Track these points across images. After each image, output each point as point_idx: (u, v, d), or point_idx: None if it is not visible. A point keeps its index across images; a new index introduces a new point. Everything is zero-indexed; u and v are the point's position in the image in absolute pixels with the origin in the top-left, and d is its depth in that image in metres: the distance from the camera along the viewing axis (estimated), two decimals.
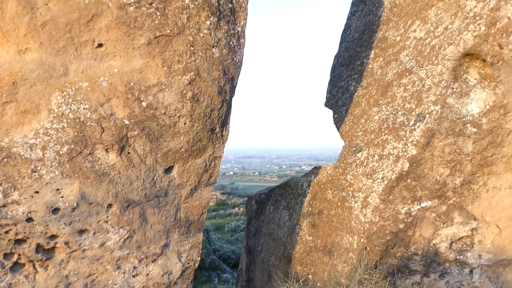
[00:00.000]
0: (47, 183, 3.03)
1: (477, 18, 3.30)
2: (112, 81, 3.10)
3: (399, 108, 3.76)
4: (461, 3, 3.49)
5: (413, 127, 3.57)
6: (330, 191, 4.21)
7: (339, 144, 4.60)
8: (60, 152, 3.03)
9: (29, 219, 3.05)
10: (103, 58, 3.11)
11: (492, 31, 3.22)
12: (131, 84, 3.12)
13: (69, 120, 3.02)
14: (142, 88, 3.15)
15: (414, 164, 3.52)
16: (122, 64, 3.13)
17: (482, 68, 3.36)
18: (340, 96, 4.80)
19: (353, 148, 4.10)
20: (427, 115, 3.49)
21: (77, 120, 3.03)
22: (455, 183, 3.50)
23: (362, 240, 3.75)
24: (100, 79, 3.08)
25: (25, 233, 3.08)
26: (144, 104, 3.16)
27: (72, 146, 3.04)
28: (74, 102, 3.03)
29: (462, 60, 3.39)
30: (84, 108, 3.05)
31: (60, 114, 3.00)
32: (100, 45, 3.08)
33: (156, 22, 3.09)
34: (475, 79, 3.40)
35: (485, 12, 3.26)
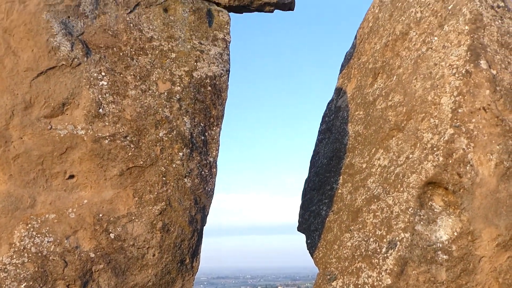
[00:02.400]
0: None
1: (435, 149, 3.53)
2: (81, 212, 3.05)
3: (371, 234, 3.78)
4: (419, 135, 3.75)
5: (385, 255, 3.55)
6: None
7: None
8: None
9: None
10: (73, 189, 3.10)
11: (450, 161, 3.43)
12: (100, 215, 3.07)
13: (30, 255, 2.87)
14: (111, 219, 3.09)
15: None
16: (92, 195, 3.12)
17: (445, 196, 3.50)
18: (312, 220, 4.81)
19: (328, 276, 4.00)
20: (398, 243, 3.51)
21: (39, 254, 2.89)
22: None
23: None
24: (68, 211, 3.03)
25: None
26: (112, 235, 3.07)
27: (31, 283, 2.85)
28: (38, 235, 2.92)
29: (425, 188, 3.54)
30: (48, 241, 2.93)
31: (22, 248, 2.87)
32: (71, 177, 3.09)
33: (130, 154, 3.17)
34: (440, 206, 3.52)
35: (441, 144, 3.50)
